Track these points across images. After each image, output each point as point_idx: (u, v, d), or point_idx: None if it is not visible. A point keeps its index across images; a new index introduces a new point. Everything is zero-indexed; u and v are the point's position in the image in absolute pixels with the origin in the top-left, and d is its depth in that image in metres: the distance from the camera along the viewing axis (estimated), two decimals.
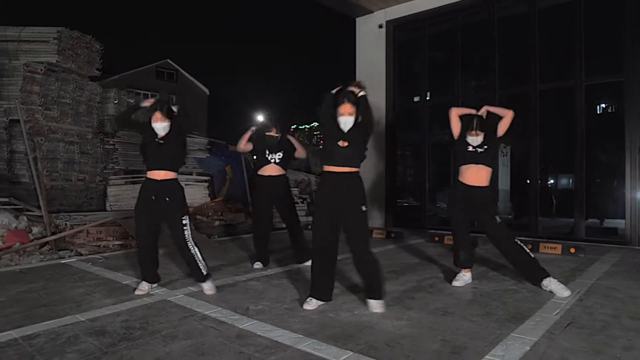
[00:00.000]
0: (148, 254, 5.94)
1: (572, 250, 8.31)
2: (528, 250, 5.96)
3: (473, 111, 6.32)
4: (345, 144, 5.01)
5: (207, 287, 5.82)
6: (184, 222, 5.79)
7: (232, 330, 4.41)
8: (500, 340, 4.07)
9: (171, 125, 5.86)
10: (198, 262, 5.79)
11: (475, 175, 6.08)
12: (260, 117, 53.48)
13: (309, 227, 7.25)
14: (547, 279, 5.74)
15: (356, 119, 5.05)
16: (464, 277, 6.27)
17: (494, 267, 7.20)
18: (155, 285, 6.06)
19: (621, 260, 7.82)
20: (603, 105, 13.04)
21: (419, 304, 5.30)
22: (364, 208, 5.05)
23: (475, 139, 6.03)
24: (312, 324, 4.57)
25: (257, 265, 7.48)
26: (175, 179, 5.91)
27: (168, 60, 47.16)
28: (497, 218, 6.02)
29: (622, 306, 5.09)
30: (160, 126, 5.78)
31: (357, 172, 5.13)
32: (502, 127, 6.11)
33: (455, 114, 6.35)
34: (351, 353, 3.77)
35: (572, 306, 5.08)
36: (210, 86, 50.90)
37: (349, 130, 5.03)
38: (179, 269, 7.03)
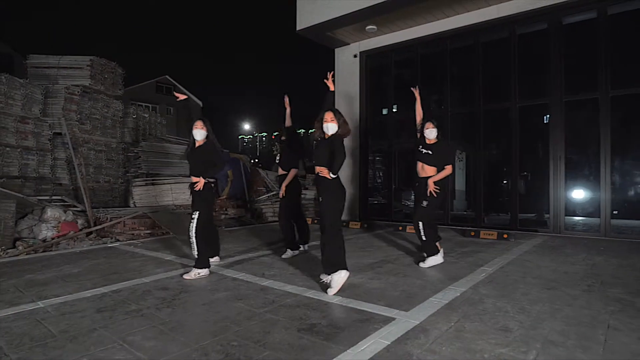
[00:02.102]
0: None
1: (505, 236, 9.60)
2: (422, 234, 7.01)
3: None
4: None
5: (191, 273, 6.19)
6: (192, 216, 6.34)
7: (256, 286, 5.68)
8: (440, 290, 5.40)
9: (207, 136, 6.57)
10: (192, 250, 6.26)
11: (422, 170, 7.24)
12: (247, 126, 54.38)
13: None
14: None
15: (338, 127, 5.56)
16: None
17: (445, 248, 8.45)
18: (217, 259, 7.21)
19: (541, 243, 9.15)
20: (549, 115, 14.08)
21: (385, 270, 6.60)
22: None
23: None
24: (312, 282, 5.86)
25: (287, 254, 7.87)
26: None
27: (167, 76, 47.91)
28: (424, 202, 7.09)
29: (529, 271, 6.45)
30: (199, 132, 6.49)
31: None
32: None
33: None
34: (340, 297, 5.07)
35: (495, 271, 6.43)
36: (204, 98, 51.70)
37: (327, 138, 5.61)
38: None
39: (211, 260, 6.82)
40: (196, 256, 6.26)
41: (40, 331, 4.03)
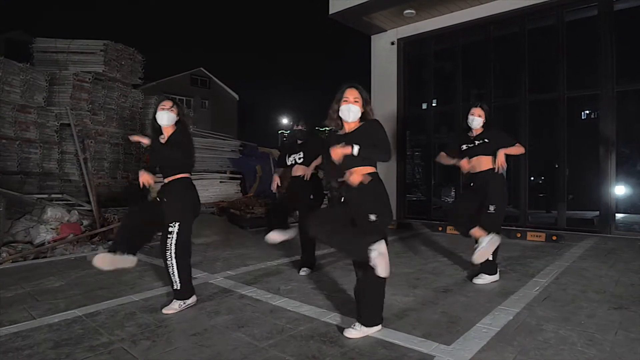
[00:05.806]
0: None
1: (554, 237, 8.67)
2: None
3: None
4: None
5: (172, 306, 4.72)
6: (170, 229, 4.75)
7: (266, 306, 4.79)
8: (489, 311, 4.45)
9: (177, 123, 4.94)
10: (171, 274, 4.74)
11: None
12: (285, 120, 53.56)
13: None
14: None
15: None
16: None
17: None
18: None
19: (594, 246, 8.19)
20: (587, 112, 13.26)
21: (424, 283, 5.67)
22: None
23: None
24: (334, 300, 4.94)
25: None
26: (177, 180, 4.93)
27: (202, 68, 47.26)
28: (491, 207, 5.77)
29: (589, 283, 5.48)
30: (166, 115, 4.79)
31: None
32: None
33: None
34: None
35: (550, 284, 5.47)
36: (240, 92, 51.08)
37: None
38: (220, 255, 7.27)
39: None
40: (178, 283, 4.74)
41: None
